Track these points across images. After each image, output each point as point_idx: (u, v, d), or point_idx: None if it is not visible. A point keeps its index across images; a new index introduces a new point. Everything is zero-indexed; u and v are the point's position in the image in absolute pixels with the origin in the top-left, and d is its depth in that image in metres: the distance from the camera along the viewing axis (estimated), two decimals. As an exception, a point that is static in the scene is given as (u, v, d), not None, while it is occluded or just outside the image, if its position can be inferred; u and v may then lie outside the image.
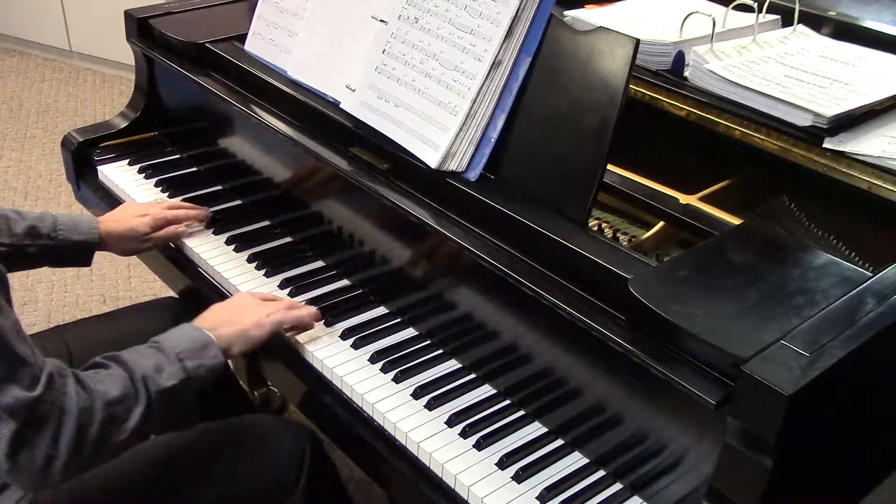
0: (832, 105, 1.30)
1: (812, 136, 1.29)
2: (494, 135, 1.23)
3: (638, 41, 1.12)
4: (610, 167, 1.23)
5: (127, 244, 1.51)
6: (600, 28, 1.17)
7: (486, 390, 1.23)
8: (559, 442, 1.16)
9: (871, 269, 1.06)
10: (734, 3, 1.53)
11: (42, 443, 0.98)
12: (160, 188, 1.70)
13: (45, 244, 1.39)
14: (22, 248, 1.37)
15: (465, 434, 1.16)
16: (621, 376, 1.05)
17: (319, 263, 1.49)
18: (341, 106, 1.39)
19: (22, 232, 1.37)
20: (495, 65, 1.21)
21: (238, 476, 1.27)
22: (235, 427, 1.34)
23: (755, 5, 1.51)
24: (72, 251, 1.44)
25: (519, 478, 1.10)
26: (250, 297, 1.31)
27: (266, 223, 1.60)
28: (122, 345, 1.46)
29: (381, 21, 1.35)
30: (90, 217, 1.50)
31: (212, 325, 1.22)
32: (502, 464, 1.12)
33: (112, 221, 1.49)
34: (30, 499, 1.10)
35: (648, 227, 1.28)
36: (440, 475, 1.12)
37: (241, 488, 1.27)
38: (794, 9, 1.56)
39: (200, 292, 1.50)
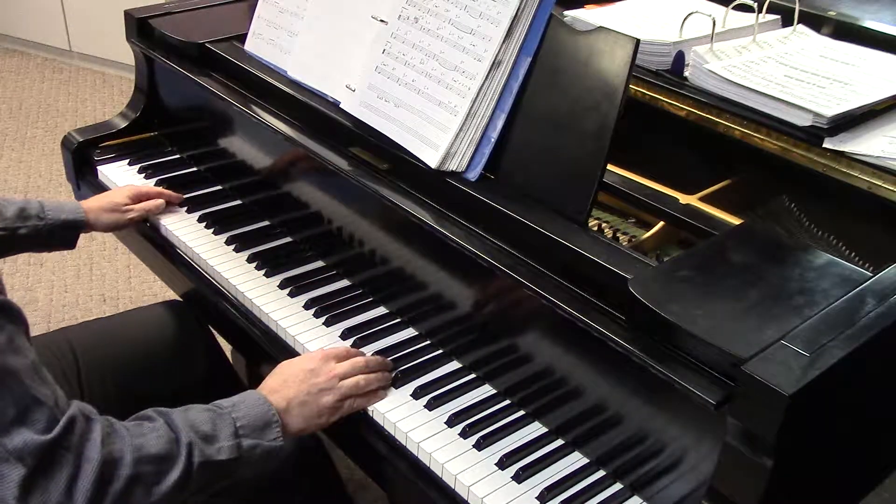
0: (832, 105, 1.30)
1: (812, 136, 1.29)
2: (494, 135, 1.23)
3: (638, 41, 1.12)
4: (610, 167, 1.23)
5: (108, 216, 1.54)
6: (600, 28, 1.17)
7: (486, 390, 1.23)
8: (559, 442, 1.16)
9: (871, 269, 1.06)
10: (734, 3, 1.53)
11: (55, 490, 0.90)
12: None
13: (34, 225, 1.42)
14: (14, 230, 1.40)
15: (465, 434, 1.16)
16: (621, 376, 1.05)
17: (319, 263, 1.49)
18: (341, 106, 1.39)
19: (13, 215, 1.40)
20: (495, 65, 1.21)
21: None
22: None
23: (755, 5, 1.51)
24: (59, 232, 1.47)
25: (519, 478, 1.10)
26: (328, 372, 1.18)
27: (266, 223, 1.60)
28: (127, 346, 1.48)
29: (381, 21, 1.35)
30: (73, 200, 1.54)
31: (285, 403, 1.13)
32: (502, 464, 1.12)
33: (93, 200, 1.55)
34: None
35: (648, 227, 1.28)
36: (440, 475, 1.12)
37: (242, 488, 1.26)
38: (794, 9, 1.56)
39: (203, 295, 1.50)
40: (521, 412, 1.20)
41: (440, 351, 1.30)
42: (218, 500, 1.25)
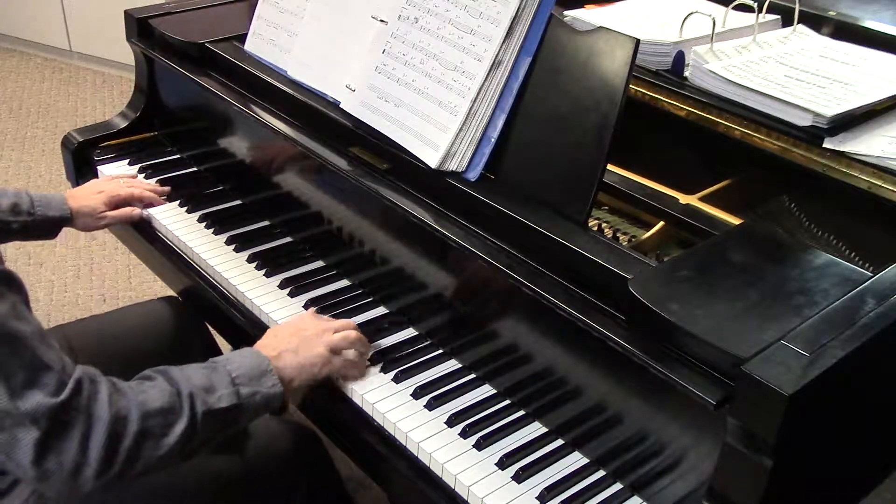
0: (832, 105, 1.30)
1: (812, 136, 1.29)
2: (494, 135, 1.23)
3: (638, 41, 1.12)
4: (610, 167, 1.23)
5: (85, 220, 1.55)
6: (600, 28, 1.17)
7: (486, 390, 1.23)
8: (559, 442, 1.16)
9: (871, 269, 1.06)
10: (734, 3, 1.53)
11: (69, 449, 0.94)
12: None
13: (24, 220, 1.45)
14: (7, 224, 1.43)
15: (465, 434, 1.16)
16: (621, 376, 1.05)
17: (319, 263, 1.49)
18: (341, 106, 1.39)
19: (6, 209, 1.43)
20: (495, 65, 1.21)
21: (238, 476, 1.27)
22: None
23: (755, 5, 1.51)
24: (45, 226, 1.50)
25: (519, 478, 1.10)
26: (317, 326, 1.23)
27: (266, 223, 1.60)
28: (124, 343, 1.48)
29: (381, 21, 1.35)
30: (59, 194, 1.55)
31: (275, 352, 1.17)
32: (502, 464, 1.12)
33: (75, 198, 1.55)
34: (35, 500, 1.09)
35: (648, 227, 1.28)
36: (440, 475, 1.12)
37: (242, 488, 1.27)
38: (794, 9, 1.57)
39: (201, 292, 1.50)
40: (521, 412, 1.20)
41: (440, 351, 1.30)
42: (219, 497, 1.25)
